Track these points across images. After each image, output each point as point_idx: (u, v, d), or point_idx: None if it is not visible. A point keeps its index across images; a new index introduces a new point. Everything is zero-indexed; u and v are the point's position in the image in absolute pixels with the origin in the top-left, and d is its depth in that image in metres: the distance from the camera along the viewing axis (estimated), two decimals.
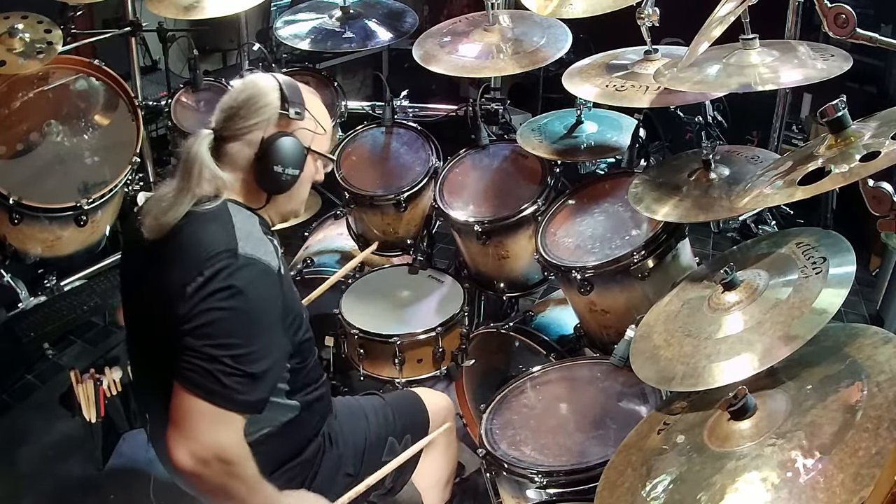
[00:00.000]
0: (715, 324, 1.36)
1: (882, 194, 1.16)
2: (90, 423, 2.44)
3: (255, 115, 1.45)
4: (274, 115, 1.46)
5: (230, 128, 1.46)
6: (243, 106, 1.46)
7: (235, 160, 1.46)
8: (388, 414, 1.80)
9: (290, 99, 1.47)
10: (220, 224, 1.39)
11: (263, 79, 1.50)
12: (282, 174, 1.45)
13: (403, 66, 3.85)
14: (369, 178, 2.56)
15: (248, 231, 1.39)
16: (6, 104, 2.51)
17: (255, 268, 1.34)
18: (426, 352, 2.35)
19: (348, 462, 1.67)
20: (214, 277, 1.30)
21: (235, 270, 1.31)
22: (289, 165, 1.46)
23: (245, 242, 1.36)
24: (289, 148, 1.46)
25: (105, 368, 2.52)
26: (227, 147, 1.46)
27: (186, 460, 1.28)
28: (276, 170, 1.45)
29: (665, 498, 1.18)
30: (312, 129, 1.51)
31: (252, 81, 1.50)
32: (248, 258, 1.34)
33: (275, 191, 1.49)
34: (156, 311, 1.38)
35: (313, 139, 1.52)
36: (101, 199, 2.56)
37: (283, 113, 1.46)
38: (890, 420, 1.03)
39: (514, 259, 2.34)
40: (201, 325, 1.29)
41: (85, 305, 2.91)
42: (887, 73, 3.64)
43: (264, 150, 1.45)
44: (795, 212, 1.95)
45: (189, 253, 1.35)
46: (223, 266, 1.31)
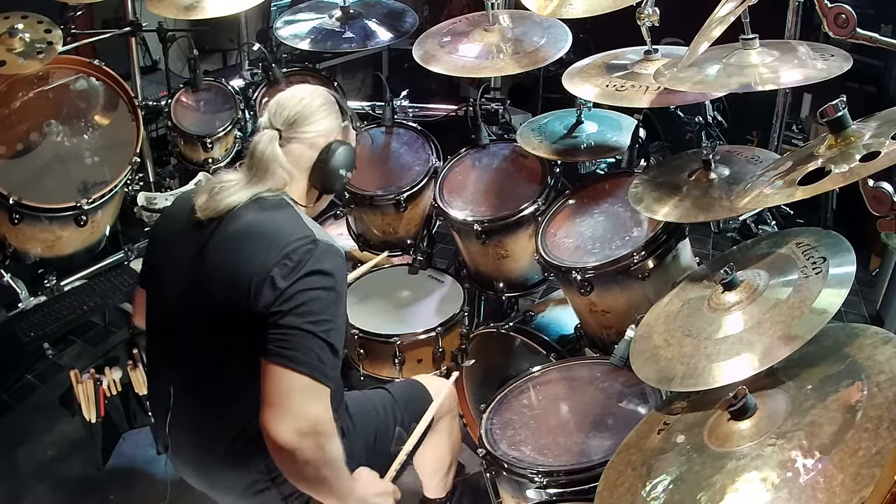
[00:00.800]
0: (715, 324, 1.36)
1: (882, 194, 1.17)
2: (90, 423, 2.44)
3: (322, 121, 1.58)
4: (338, 123, 1.62)
5: (296, 131, 1.56)
6: (314, 112, 1.57)
7: (296, 160, 1.57)
8: (394, 405, 1.83)
9: (346, 112, 1.65)
10: (288, 214, 1.51)
11: (317, 90, 1.63)
12: (343, 178, 1.62)
13: (403, 66, 3.85)
14: (369, 178, 2.57)
15: (311, 222, 1.53)
16: (6, 104, 2.51)
17: (333, 252, 1.47)
18: (426, 352, 2.35)
19: (361, 454, 1.68)
20: (305, 262, 1.40)
21: (322, 254, 1.43)
22: (349, 168, 1.63)
23: (317, 231, 1.49)
24: (350, 154, 1.63)
25: (105, 368, 2.52)
26: (290, 147, 1.56)
27: (290, 436, 1.33)
28: (340, 172, 1.60)
29: (665, 498, 1.18)
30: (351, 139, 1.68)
31: (318, 91, 1.62)
32: (326, 243, 1.46)
33: (333, 190, 1.66)
34: (221, 298, 1.44)
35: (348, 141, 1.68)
36: (101, 199, 2.56)
37: (344, 124, 1.64)
38: (890, 420, 1.03)
39: (513, 259, 2.34)
40: (300, 304, 1.38)
41: (85, 305, 2.91)
42: (887, 73, 3.64)
43: (330, 153, 1.58)
44: (795, 212, 1.95)
45: (265, 240, 1.44)
46: (309, 250, 1.42)
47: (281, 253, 1.41)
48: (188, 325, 1.52)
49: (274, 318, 1.38)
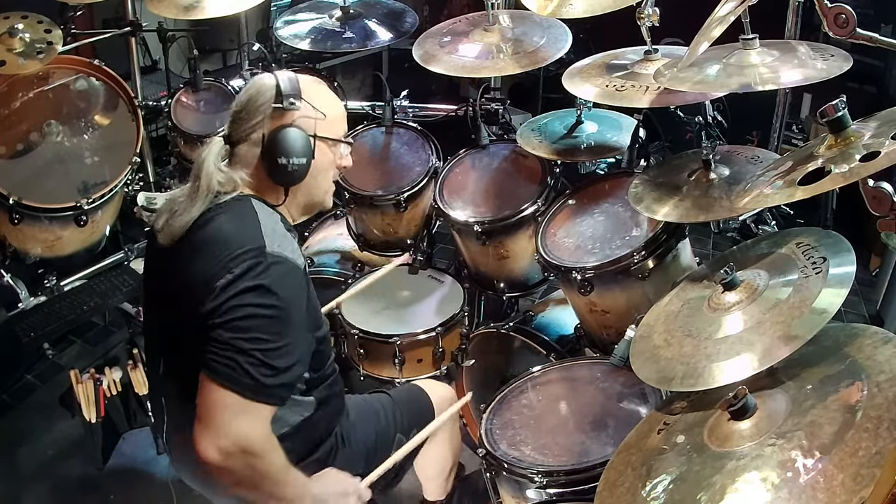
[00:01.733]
0: (715, 324, 1.36)
1: (882, 194, 1.16)
2: (90, 423, 2.44)
3: (254, 114, 1.48)
4: (270, 110, 1.48)
5: (237, 131, 1.50)
6: (244, 108, 1.49)
7: (247, 161, 1.50)
8: (395, 411, 1.82)
9: (285, 92, 1.47)
10: (245, 219, 1.42)
11: (262, 78, 1.52)
12: (288, 165, 1.47)
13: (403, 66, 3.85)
14: (369, 178, 2.56)
15: (272, 227, 1.42)
16: (6, 104, 2.51)
17: (283, 266, 1.37)
18: (426, 352, 2.35)
19: (360, 461, 1.68)
20: (245, 275, 1.33)
21: (265, 269, 1.34)
22: (293, 155, 1.47)
23: (271, 240, 1.39)
24: (290, 138, 1.47)
25: (105, 368, 2.52)
26: (237, 150, 1.51)
27: (213, 454, 1.29)
28: (281, 162, 1.46)
29: (665, 498, 1.18)
30: (312, 115, 1.51)
31: (251, 83, 1.53)
32: (275, 256, 1.37)
33: (288, 182, 1.51)
34: (182, 306, 1.40)
35: (317, 125, 1.52)
36: (101, 199, 2.56)
37: (276, 107, 1.47)
38: (890, 420, 1.03)
39: (514, 259, 2.34)
40: (232, 319, 1.31)
41: (85, 305, 2.91)
42: (887, 73, 3.64)
43: (267, 145, 1.47)
44: (795, 212, 1.95)
45: (216, 248, 1.38)
46: (253, 264, 1.34)
47: (224, 263, 1.34)
48: (166, 333, 1.52)
49: (209, 330, 1.32)
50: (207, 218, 1.43)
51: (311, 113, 1.51)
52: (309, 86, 1.54)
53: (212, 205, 1.44)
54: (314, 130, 1.52)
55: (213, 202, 1.44)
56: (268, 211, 1.48)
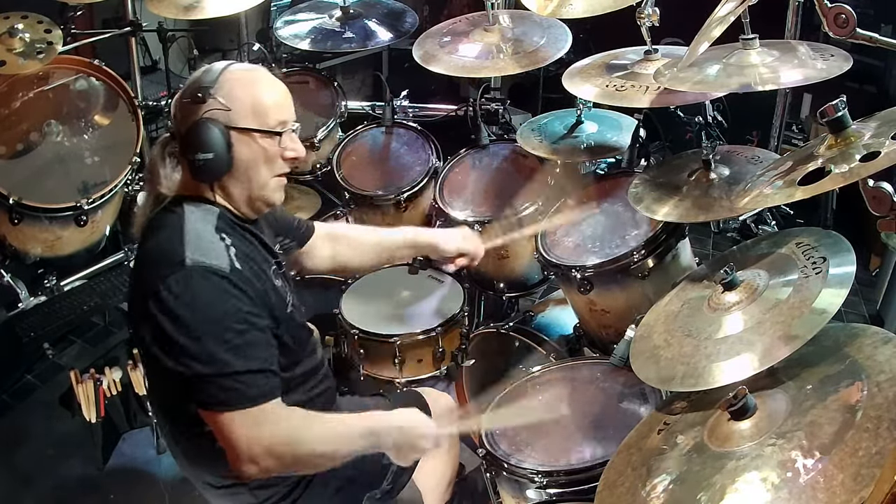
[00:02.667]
0: (715, 324, 1.36)
1: (882, 194, 1.16)
2: (90, 423, 2.44)
3: (177, 111, 1.46)
4: (179, 109, 1.45)
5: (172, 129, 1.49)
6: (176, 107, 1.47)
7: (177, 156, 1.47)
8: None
9: (196, 85, 1.43)
10: (170, 230, 1.40)
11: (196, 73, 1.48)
12: (197, 160, 1.40)
13: (403, 66, 3.85)
14: (369, 178, 2.56)
15: (197, 233, 1.39)
16: (6, 104, 2.51)
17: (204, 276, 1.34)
18: (426, 352, 2.35)
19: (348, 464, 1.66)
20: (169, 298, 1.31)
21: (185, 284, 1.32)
22: (200, 150, 1.40)
23: (192, 250, 1.35)
24: (196, 134, 1.40)
25: (105, 368, 2.52)
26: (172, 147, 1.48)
27: (254, 472, 1.33)
28: (191, 157, 1.41)
29: (665, 498, 1.18)
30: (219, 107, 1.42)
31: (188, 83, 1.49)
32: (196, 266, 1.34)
33: (205, 178, 1.44)
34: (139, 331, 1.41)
35: (230, 117, 1.42)
36: (101, 199, 2.56)
37: (184, 102, 1.43)
38: (890, 420, 1.03)
39: (514, 259, 2.34)
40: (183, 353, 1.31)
41: (85, 305, 2.91)
42: (887, 73, 3.64)
43: (181, 143, 1.44)
44: (795, 212, 1.95)
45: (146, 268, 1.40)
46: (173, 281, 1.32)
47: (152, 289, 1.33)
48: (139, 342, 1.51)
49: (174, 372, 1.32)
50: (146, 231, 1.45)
51: (217, 105, 1.42)
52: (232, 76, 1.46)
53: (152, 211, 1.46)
54: (228, 122, 1.42)
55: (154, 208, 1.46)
56: (202, 211, 1.44)
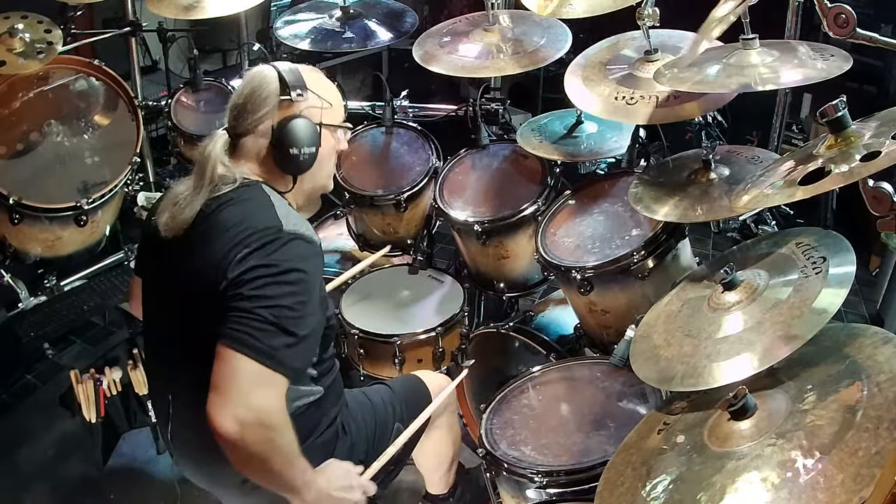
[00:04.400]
0: (715, 324, 1.36)
1: (882, 194, 1.16)
2: (90, 423, 2.44)
3: (260, 106, 1.51)
4: (277, 101, 1.51)
5: (241, 124, 1.52)
6: (248, 101, 1.51)
7: (253, 153, 1.53)
8: (394, 401, 1.83)
9: (290, 83, 1.52)
10: (258, 204, 1.46)
11: (263, 70, 1.55)
12: (300, 154, 1.52)
13: (403, 66, 3.85)
14: (369, 178, 2.57)
15: (286, 210, 1.47)
16: (6, 104, 2.51)
17: (301, 241, 1.41)
18: (426, 352, 2.35)
19: (360, 450, 1.69)
20: (263, 248, 1.36)
21: (283, 245, 1.38)
22: (304, 145, 1.52)
23: (287, 220, 1.42)
24: (300, 128, 1.51)
25: (105, 368, 2.52)
26: (243, 142, 1.53)
27: (230, 425, 1.28)
28: (293, 152, 1.51)
29: (665, 498, 1.18)
30: (318, 104, 1.56)
31: (252, 76, 1.55)
32: (293, 233, 1.40)
33: (298, 171, 1.55)
34: (194, 293, 1.42)
35: (322, 114, 1.56)
36: (101, 199, 2.56)
37: (284, 98, 1.51)
38: (890, 420, 1.03)
39: (514, 259, 2.34)
40: (253, 288, 1.34)
41: (85, 305, 2.91)
42: (887, 73, 3.63)
43: (277, 136, 1.51)
44: (795, 212, 1.95)
45: (231, 230, 1.40)
46: (271, 240, 1.38)
47: (241, 240, 1.38)
48: (175, 322, 1.52)
49: (229, 300, 1.34)
50: (219, 205, 1.45)
51: (316, 102, 1.55)
52: (310, 75, 1.58)
53: (214, 195, 1.46)
54: (320, 119, 1.56)
55: (215, 192, 1.46)
56: (279, 196, 1.52)
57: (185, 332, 1.49)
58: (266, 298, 1.34)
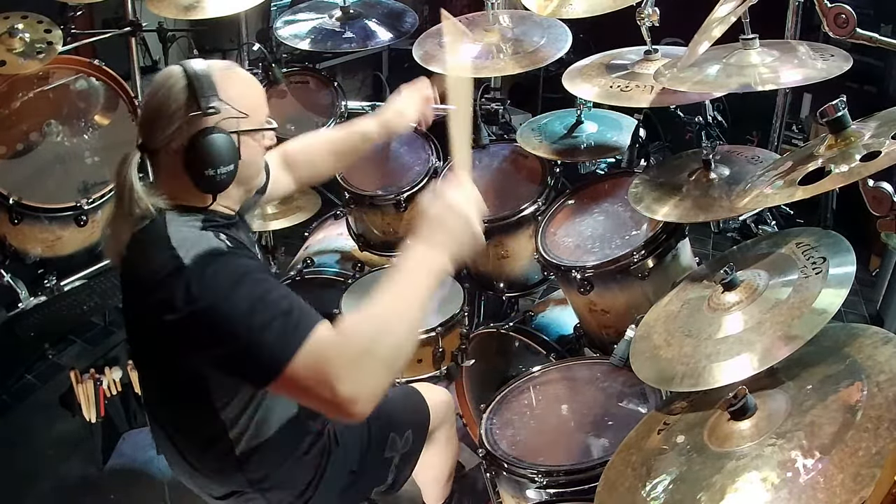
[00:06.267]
0: (715, 324, 1.36)
1: (882, 194, 1.16)
2: (90, 423, 2.44)
3: (169, 122, 1.34)
4: (187, 117, 1.33)
5: (152, 141, 1.37)
6: (157, 116, 1.35)
7: (169, 170, 1.38)
8: (389, 411, 1.79)
9: (200, 94, 1.33)
10: (157, 245, 1.30)
11: (170, 78, 1.36)
12: (216, 175, 1.34)
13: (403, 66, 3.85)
14: (369, 178, 2.56)
15: (182, 238, 1.30)
16: (6, 104, 2.51)
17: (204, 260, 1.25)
18: (426, 352, 2.35)
19: (353, 459, 1.67)
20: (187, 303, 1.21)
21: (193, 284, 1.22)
22: (221, 164, 1.34)
23: (185, 251, 1.26)
24: (215, 147, 1.33)
25: (105, 368, 2.52)
26: (157, 160, 1.39)
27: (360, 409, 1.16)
28: (208, 173, 1.33)
29: (665, 498, 1.18)
30: (235, 115, 1.37)
31: (159, 84, 1.37)
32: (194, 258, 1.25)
33: (217, 191, 1.38)
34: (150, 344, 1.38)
35: (239, 122, 1.38)
36: (101, 199, 2.56)
37: (194, 115, 1.33)
38: (890, 420, 1.03)
39: (514, 259, 2.34)
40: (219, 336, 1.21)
41: (85, 305, 2.91)
42: (887, 73, 3.63)
43: (190, 156, 1.33)
44: (795, 212, 1.95)
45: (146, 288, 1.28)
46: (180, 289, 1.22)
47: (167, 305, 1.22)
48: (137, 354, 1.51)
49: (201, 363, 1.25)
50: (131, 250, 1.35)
51: (232, 112, 1.36)
52: (224, 75, 1.39)
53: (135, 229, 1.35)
54: (237, 127, 1.37)
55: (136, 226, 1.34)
56: (182, 222, 1.34)
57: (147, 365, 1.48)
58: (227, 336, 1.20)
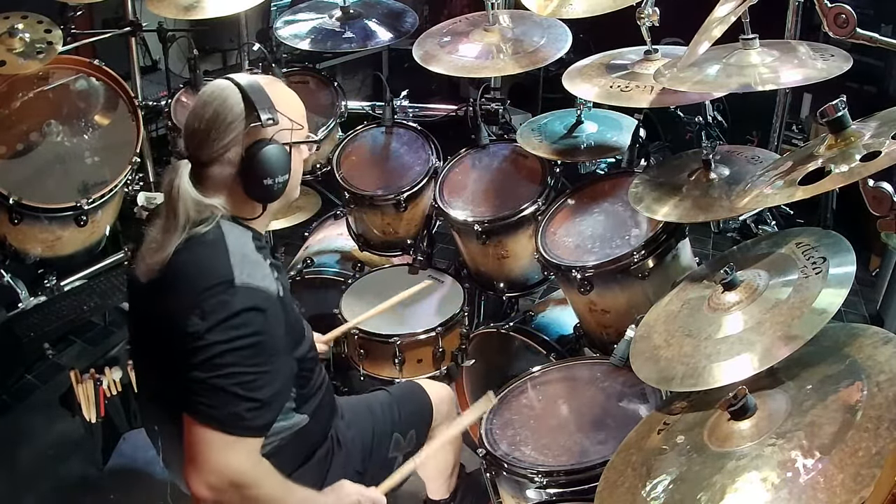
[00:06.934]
0: (715, 324, 1.36)
1: (882, 194, 1.17)
2: (90, 423, 2.44)
3: (225, 133, 1.38)
4: (245, 128, 1.38)
5: (206, 152, 1.39)
6: (212, 127, 1.38)
7: (220, 181, 1.41)
8: (393, 410, 1.82)
9: (257, 106, 1.38)
10: (214, 250, 1.35)
11: (223, 90, 1.40)
12: (273, 185, 1.40)
13: (403, 66, 3.85)
14: (369, 178, 2.57)
15: (241, 254, 1.36)
16: (6, 104, 2.51)
17: (252, 293, 1.32)
18: (426, 352, 2.35)
19: (356, 460, 1.68)
20: (214, 311, 1.29)
21: (234, 303, 1.29)
22: (277, 174, 1.40)
23: (241, 270, 1.32)
24: (273, 157, 1.39)
25: (105, 368, 2.52)
26: (208, 171, 1.40)
27: (205, 492, 1.30)
28: (266, 182, 1.39)
29: (665, 498, 1.18)
30: (289, 126, 1.44)
31: (212, 96, 1.41)
32: (245, 288, 1.31)
33: (270, 200, 1.44)
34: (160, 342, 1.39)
35: (292, 134, 1.45)
36: (101, 199, 2.56)
37: (254, 126, 1.38)
38: (890, 420, 1.03)
39: (514, 259, 2.34)
40: (207, 358, 1.29)
41: (85, 305, 2.91)
42: (887, 73, 3.64)
43: (247, 165, 1.39)
44: (795, 212, 1.95)
45: (185, 284, 1.33)
46: (221, 300, 1.29)
47: (195, 302, 1.29)
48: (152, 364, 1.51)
49: (187, 371, 1.30)
50: (179, 252, 1.36)
51: (287, 124, 1.43)
52: (276, 91, 1.45)
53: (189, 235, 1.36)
54: (290, 139, 1.44)
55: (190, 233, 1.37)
56: (238, 233, 1.40)
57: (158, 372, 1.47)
58: (221, 367, 1.28)
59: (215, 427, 1.29)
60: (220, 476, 1.29)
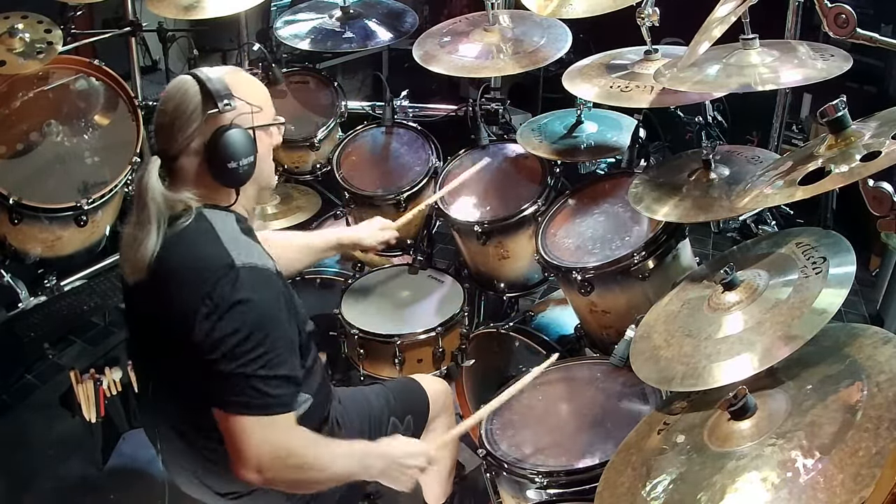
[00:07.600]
0: (715, 324, 1.36)
1: (882, 194, 1.16)
2: (90, 423, 2.43)
3: (187, 124, 1.42)
4: (204, 116, 1.42)
5: (172, 145, 1.44)
6: (175, 120, 1.43)
7: (190, 172, 1.45)
8: (388, 397, 1.84)
9: (214, 94, 1.42)
10: (206, 237, 1.40)
11: (184, 84, 1.45)
12: (238, 167, 1.44)
13: (403, 66, 3.85)
14: (369, 178, 2.56)
15: (233, 237, 1.41)
16: (6, 104, 2.51)
17: (254, 274, 1.37)
18: (426, 352, 2.35)
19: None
20: (223, 298, 1.33)
21: (239, 285, 1.34)
22: (242, 156, 1.44)
23: (237, 252, 1.38)
24: (234, 140, 1.43)
25: (105, 368, 2.52)
26: (178, 164, 1.45)
27: (258, 477, 1.34)
28: (231, 166, 1.43)
29: (665, 498, 1.18)
30: (248, 110, 1.47)
31: (172, 91, 1.45)
32: (246, 268, 1.36)
33: (239, 183, 1.48)
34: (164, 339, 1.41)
35: (253, 117, 1.48)
36: (101, 199, 2.55)
37: (211, 112, 1.42)
38: (890, 420, 1.03)
39: (514, 259, 2.34)
40: (227, 350, 1.32)
41: (85, 305, 2.91)
42: (887, 73, 3.64)
43: (211, 152, 1.42)
44: (795, 212, 1.95)
45: (187, 276, 1.37)
46: (227, 285, 1.33)
47: (201, 293, 1.33)
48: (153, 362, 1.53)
49: (205, 364, 1.32)
50: (169, 247, 1.39)
51: (245, 108, 1.46)
52: (233, 78, 1.49)
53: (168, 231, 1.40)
54: (251, 123, 1.47)
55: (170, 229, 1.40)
56: (222, 217, 1.45)
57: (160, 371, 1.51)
58: (244, 355, 1.32)
59: (250, 413, 1.33)
60: (266, 458, 1.34)
